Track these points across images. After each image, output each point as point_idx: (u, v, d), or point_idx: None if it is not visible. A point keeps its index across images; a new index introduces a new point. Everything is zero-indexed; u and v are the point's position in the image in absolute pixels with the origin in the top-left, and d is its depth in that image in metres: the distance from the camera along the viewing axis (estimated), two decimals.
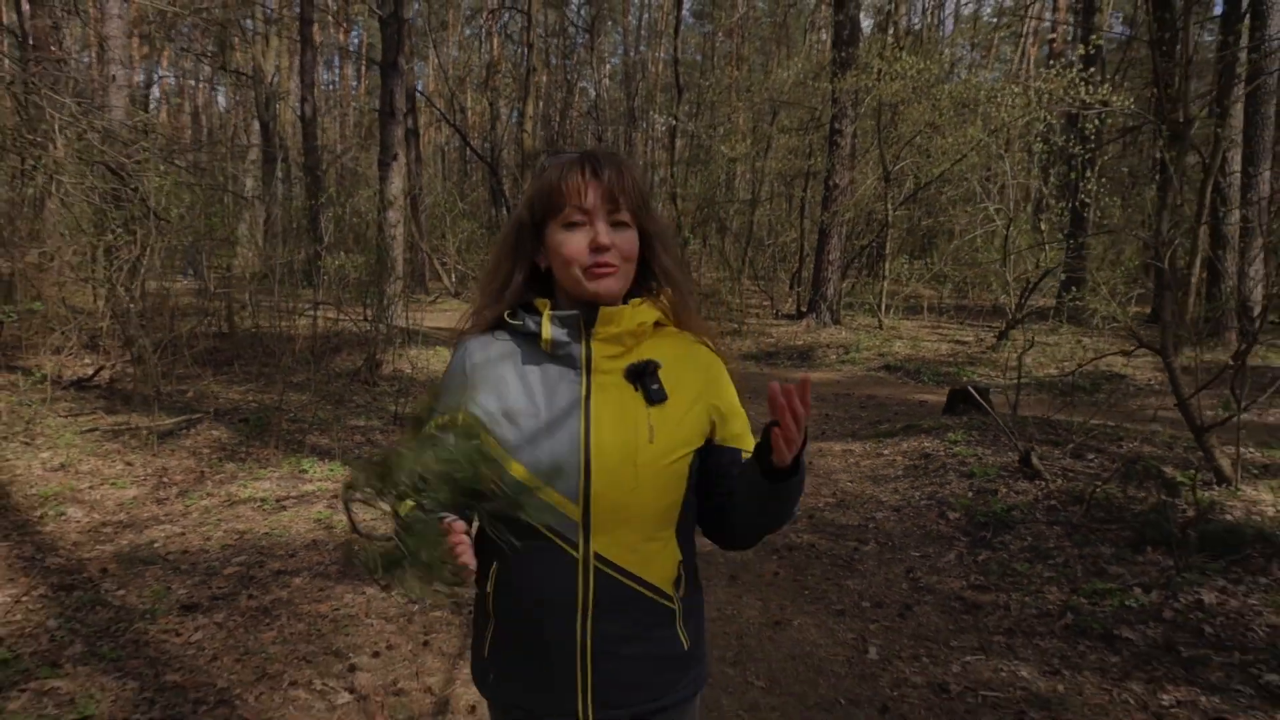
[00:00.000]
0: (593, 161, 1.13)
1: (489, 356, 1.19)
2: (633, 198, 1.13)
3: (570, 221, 1.12)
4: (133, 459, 5.13)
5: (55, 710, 2.47)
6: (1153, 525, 3.59)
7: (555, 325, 1.14)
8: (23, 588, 3.39)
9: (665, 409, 1.14)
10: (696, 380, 1.19)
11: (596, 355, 1.15)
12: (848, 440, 5.90)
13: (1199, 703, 2.47)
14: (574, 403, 1.13)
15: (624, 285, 1.16)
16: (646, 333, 1.18)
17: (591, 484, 1.10)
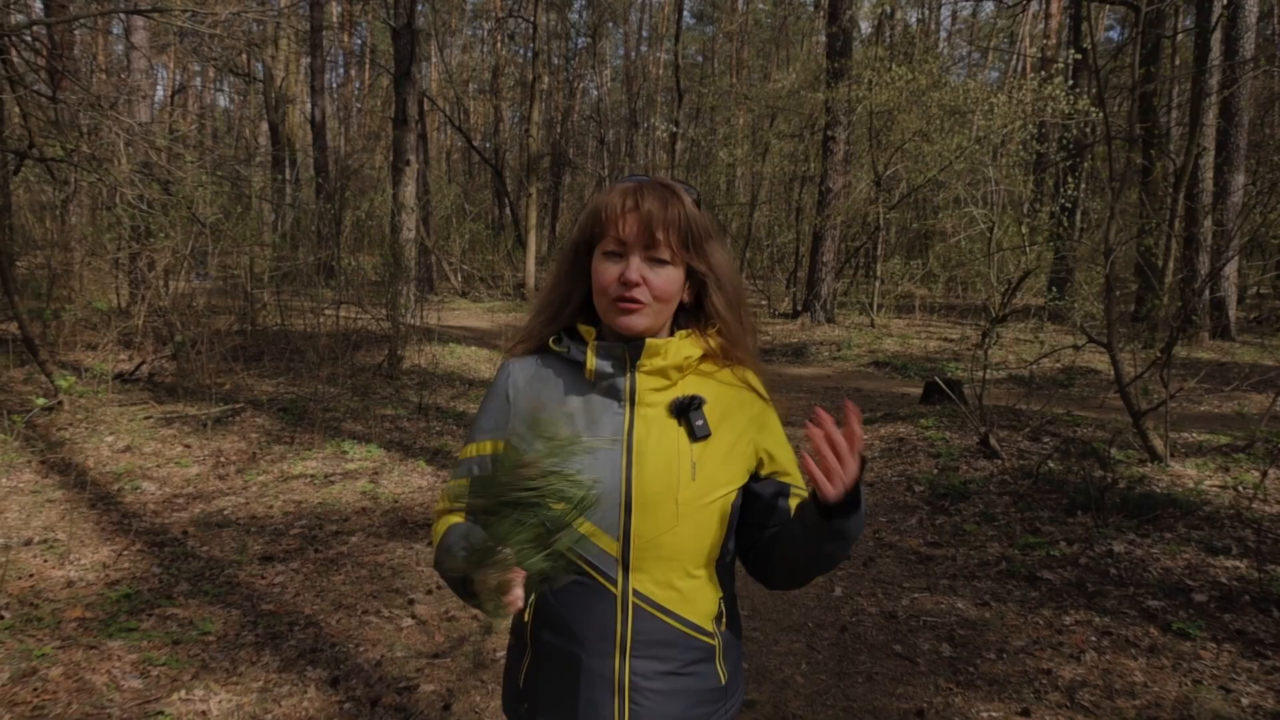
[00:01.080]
0: (638, 193, 1.12)
1: (533, 382, 1.18)
2: (678, 234, 1.11)
3: (609, 250, 1.12)
4: (190, 442, 5.79)
5: (179, 629, 3.12)
6: (1082, 493, 4.25)
7: (600, 357, 1.14)
8: (121, 545, 4.04)
9: (709, 445, 1.14)
10: (741, 417, 1.18)
11: (641, 388, 1.14)
12: None
13: (1094, 622, 3.12)
14: (616, 436, 1.13)
15: (652, 324, 1.14)
16: (692, 367, 1.17)
17: (632, 520, 1.10)
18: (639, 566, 1.10)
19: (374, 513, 4.55)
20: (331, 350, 9.13)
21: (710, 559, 1.15)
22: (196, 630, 3.11)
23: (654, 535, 1.10)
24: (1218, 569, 3.44)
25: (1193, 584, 3.33)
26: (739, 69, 27.24)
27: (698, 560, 1.13)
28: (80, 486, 4.89)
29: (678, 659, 1.13)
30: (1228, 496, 4.21)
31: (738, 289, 1.21)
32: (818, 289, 12.79)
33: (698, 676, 1.14)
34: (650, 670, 1.11)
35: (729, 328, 1.19)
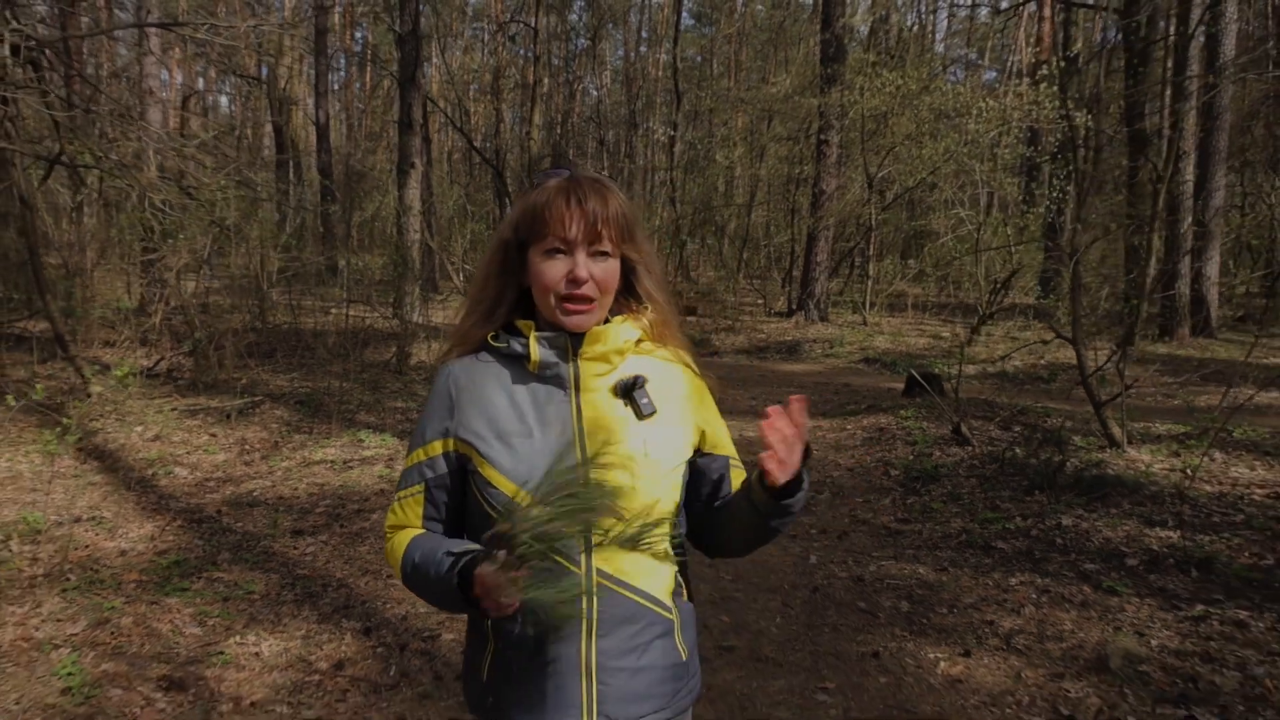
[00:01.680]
0: (578, 190, 1.14)
1: (474, 379, 1.20)
2: (616, 228, 1.15)
3: (551, 249, 1.14)
4: (215, 431, 6.21)
5: (226, 589, 3.55)
6: (1039, 474, 4.67)
7: (543, 347, 1.17)
8: (163, 522, 4.46)
9: (656, 421, 1.18)
10: (681, 394, 1.23)
11: (584, 374, 1.18)
12: (818, 418, 6.98)
13: (1035, 583, 3.55)
14: (566, 421, 1.16)
15: (599, 319, 1.19)
16: (630, 348, 1.21)
17: None
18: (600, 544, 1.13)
19: (390, 494, 4.97)
20: (341, 347, 9.56)
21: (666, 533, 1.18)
22: (242, 590, 3.53)
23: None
24: (1152, 539, 3.86)
25: (1127, 551, 3.75)
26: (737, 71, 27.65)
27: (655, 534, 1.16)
28: (117, 471, 5.32)
29: (641, 635, 1.16)
30: (1175, 478, 4.64)
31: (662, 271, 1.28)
32: (811, 288, 13.21)
33: (660, 652, 1.18)
34: (615, 649, 1.14)
35: (660, 307, 1.24)
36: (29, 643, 2.91)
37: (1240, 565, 3.48)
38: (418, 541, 1.18)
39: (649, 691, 1.17)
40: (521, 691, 1.16)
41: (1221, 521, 4.02)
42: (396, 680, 2.86)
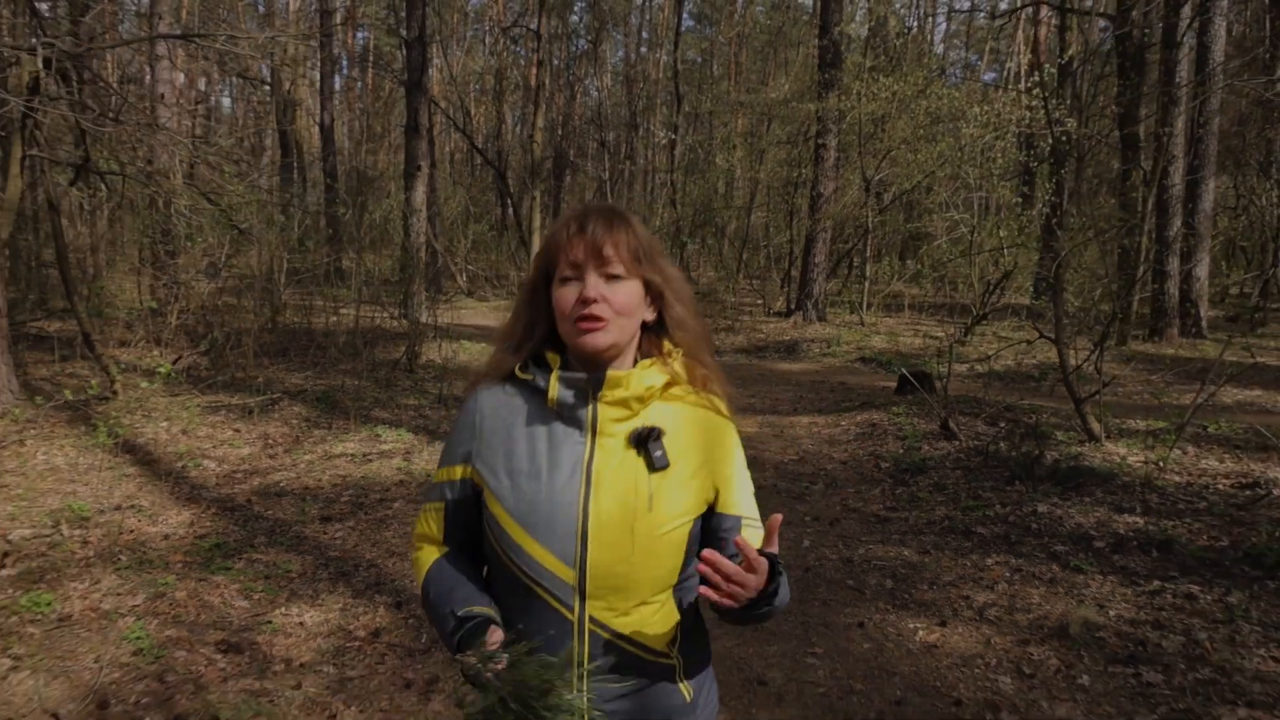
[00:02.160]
0: (584, 219, 1.17)
1: (498, 410, 1.23)
2: (628, 250, 1.17)
3: (564, 276, 1.17)
4: (238, 426, 6.54)
5: (265, 569, 3.88)
6: (1019, 466, 5.00)
7: (563, 386, 1.18)
8: (197, 509, 4.79)
9: (667, 476, 1.17)
10: (702, 447, 1.22)
11: (602, 418, 1.18)
12: (814, 414, 7.31)
13: (1009, 562, 3.88)
14: (575, 466, 1.16)
15: (617, 340, 1.18)
16: (654, 396, 1.20)
17: (588, 550, 1.14)
18: (595, 594, 1.14)
19: (410, 484, 5.31)
20: (351, 346, 9.89)
21: (667, 585, 1.19)
22: (280, 569, 3.86)
23: (610, 564, 1.13)
24: (1119, 523, 4.20)
25: (1095, 534, 4.08)
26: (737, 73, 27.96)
27: (654, 588, 1.17)
28: (149, 464, 5.64)
29: (636, 681, 1.17)
30: (1146, 469, 4.97)
31: (692, 299, 1.28)
32: (810, 289, 13.54)
33: (658, 695, 1.19)
34: (608, 693, 1.15)
35: (691, 336, 1.25)
36: (96, 612, 3.24)
37: (1197, 546, 3.82)
38: (438, 574, 1.23)
39: None
40: None
41: (1186, 508, 4.35)
42: (428, 646, 3.19)
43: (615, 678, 1.16)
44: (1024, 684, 2.87)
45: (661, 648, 1.19)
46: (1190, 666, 2.85)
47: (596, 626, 1.15)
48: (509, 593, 1.18)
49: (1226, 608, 3.22)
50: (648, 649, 1.17)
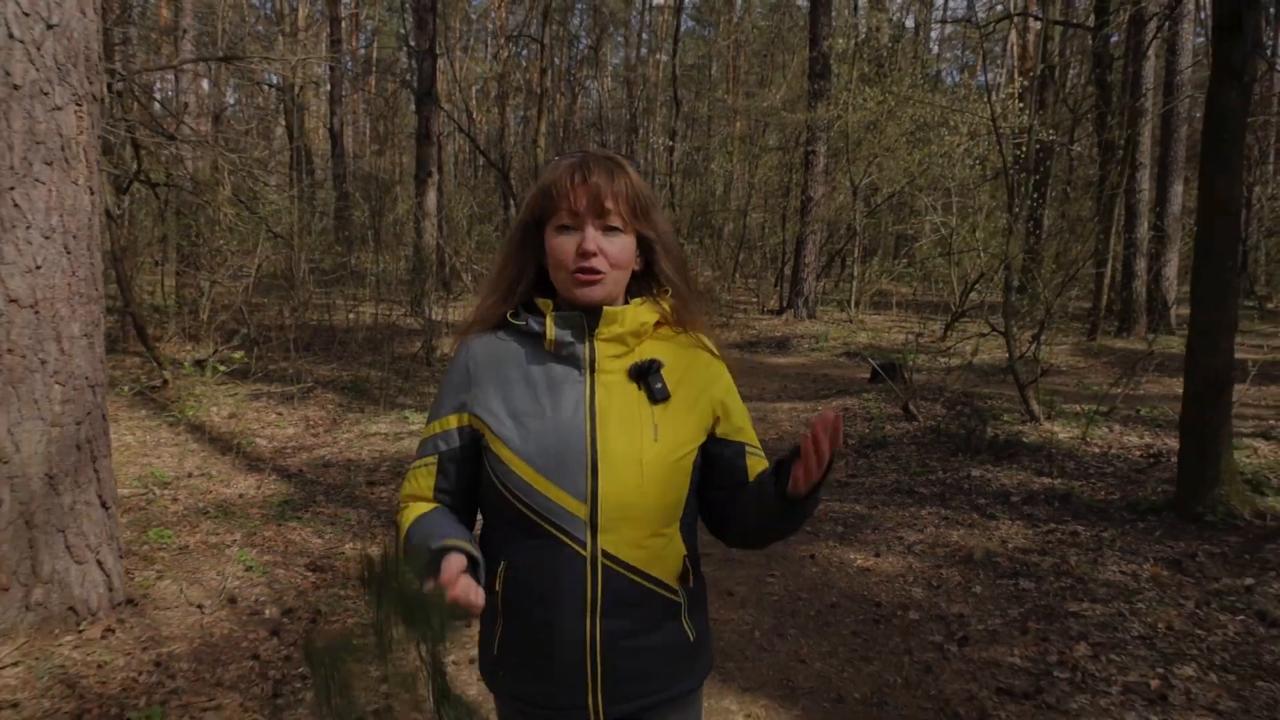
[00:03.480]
0: (585, 167, 1.18)
1: (492, 356, 1.24)
2: (626, 203, 1.19)
3: (562, 224, 1.19)
4: (280, 411, 7.45)
5: (328, 519, 4.78)
6: (962, 441, 5.92)
7: (559, 326, 1.20)
8: (260, 477, 5.70)
9: (668, 407, 1.21)
10: (698, 378, 1.26)
11: (600, 355, 1.21)
12: (796, 401, 8.23)
13: (939, 513, 4.79)
14: (579, 403, 1.19)
15: (611, 292, 1.21)
16: (648, 332, 1.24)
17: (599, 483, 1.17)
18: (607, 528, 1.16)
19: None
20: (371, 341, 10.80)
21: (675, 516, 1.21)
22: (341, 519, 4.77)
23: (621, 496, 1.16)
24: (1036, 484, 5.11)
25: (1013, 492, 5.00)
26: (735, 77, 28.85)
27: (664, 519, 1.20)
28: (209, 442, 6.55)
29: (646, 617, 1.20)
30: (1072, 443, 5.88)
31: (681, 253, 1.30)
32: (801, 288, 14.46)
33: (665, 633, 1.22)
34: (620, 629, 1.18)
35: (679, 290, 1.26)
36: (207, 545, 4.15)
37: (1092, 499, 4.73)
38: (421, 521, 1.22)
39: (653, 671, 1.22)
40: (529, 667, 1.22)
41: (1095, 472, 5.27)
42: None
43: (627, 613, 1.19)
44: (931, 592, 3.78)
45: (672, 582, 1.22)
46: (1057, 578, 3.76)
47: (609, 560, 1.17)
48: (518, 534, 1.19)
49: (1098, 540, 4.13)
50: (658, 581, 1.20)
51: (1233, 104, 4.01)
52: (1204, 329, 4.20)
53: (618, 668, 1.20)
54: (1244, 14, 3.93)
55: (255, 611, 3.47)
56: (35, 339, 2.94)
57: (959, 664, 3.13)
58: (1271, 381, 8.68)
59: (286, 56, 8.30)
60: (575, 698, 1.20)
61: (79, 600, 3.10)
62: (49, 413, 2.99)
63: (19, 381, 2.92)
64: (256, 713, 2.74)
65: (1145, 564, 3.80)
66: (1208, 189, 4.13)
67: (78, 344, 3.06)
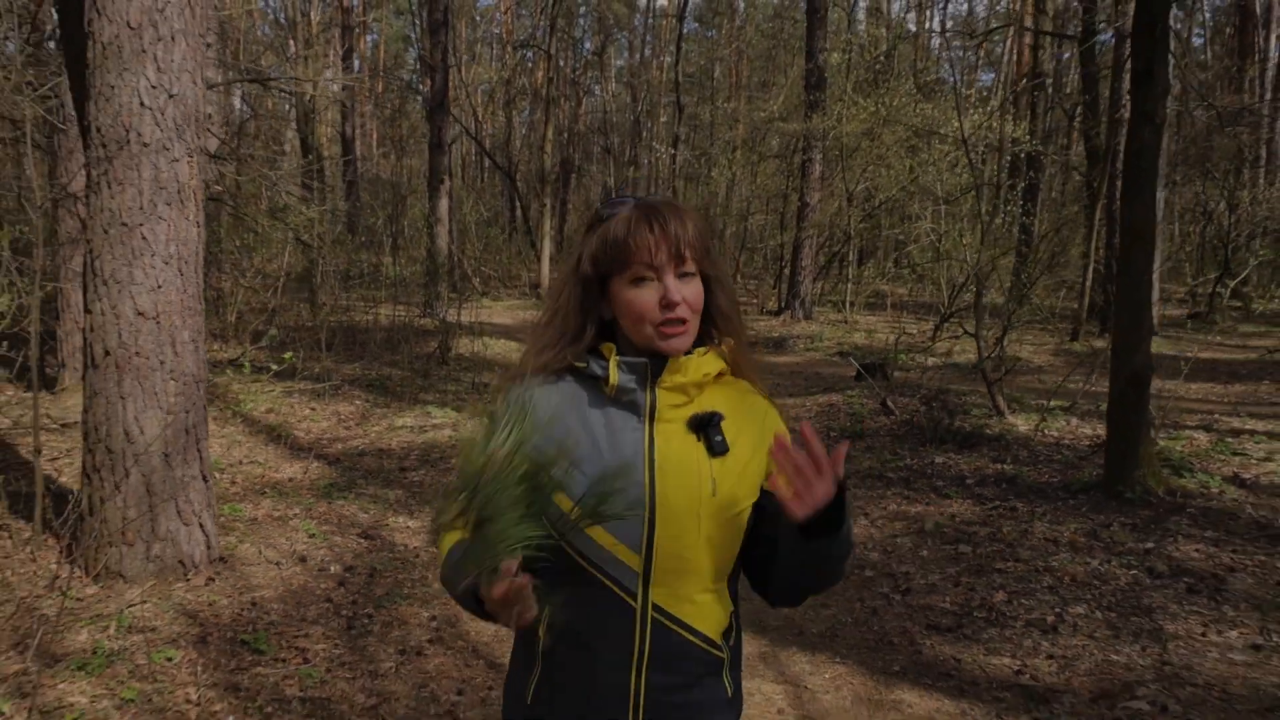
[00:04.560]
0: (658, 217, 1.18)
1: (551, 397, 1.23)
2: (699, 247, 1.20)
3: (638, 277, 1.18)
4: (313, 406, 8.23)
5: (370, 497, 5.55)
6: (930, 432, 6.68)
7: (624, 372, 1.20)
8: (304, 464, 6.47)
9: (727, 461, 1.20)
10: (754, 431, 1.26)
11: (661, 404, 1.21)
12: (786, 397, 8.99)
13: (903, 493, 5.55)
14: (638, 451, 1.19)
15: (693, 339, 1.22)
16: (709, 382, 1.24)
17: (655, 535, 1.16)
18: (659, 580, 1.17)
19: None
20: (389, 341, 11.59)
21: (724, 573, 1.23)
22: (382, 498, 5.55)
23: (676, 550, 1.17)
24: (990, 469, 5.87)
25: (969, 476, 5.76)
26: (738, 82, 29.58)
27: (715, 575, 1.21)
28: (252, 434, 7.34)
29: (689, 672, 1.20)
30: (1030, 434, 6.63)
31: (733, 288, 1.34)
32: (798, 289, 15.21)
33: (706, 688, 1.23)
34: (664, 684, 1.19)
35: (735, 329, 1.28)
36: (271, 518, 4.93)
37: (1035, 481, 5.49)
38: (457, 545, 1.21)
39: None
40: (567, 716, 1.22)
41: (1044, 459, 6.02)
42: None
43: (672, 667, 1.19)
44: (885, 556, 4.54)
45: (716, 638, 1.22)
46: (991, 544, 4.52)
47: (659, 614, 1.18)
48: (568, 583, 1.17)
49: (1032, 514, 4.89)
50: (704, 637, 1.20)
51: (1147, 142, 4.76)
52: (1125, 336, 4.96)
53: None
54: (1155, 66, 4.68)
55: (322, 568, 4.25)
56: (156, 344, 3.72)
57: (900, 608, 3.90)
58: (1240, 380, 9.44)
59: (314, 78, 9.06)
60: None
61: (186, 555, 3.88)
62: (165, 403, 3.77)
63: (144, 378, 3.70)
64: (336, 639, 3.51)
65: (1066, 532, 4.56)
66: (1127, 217, 4.89)
67: (187, 348, 3.84)
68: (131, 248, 3.62)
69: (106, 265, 3.62)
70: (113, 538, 3.71)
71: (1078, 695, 3.06)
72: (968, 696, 3.11)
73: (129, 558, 3.73)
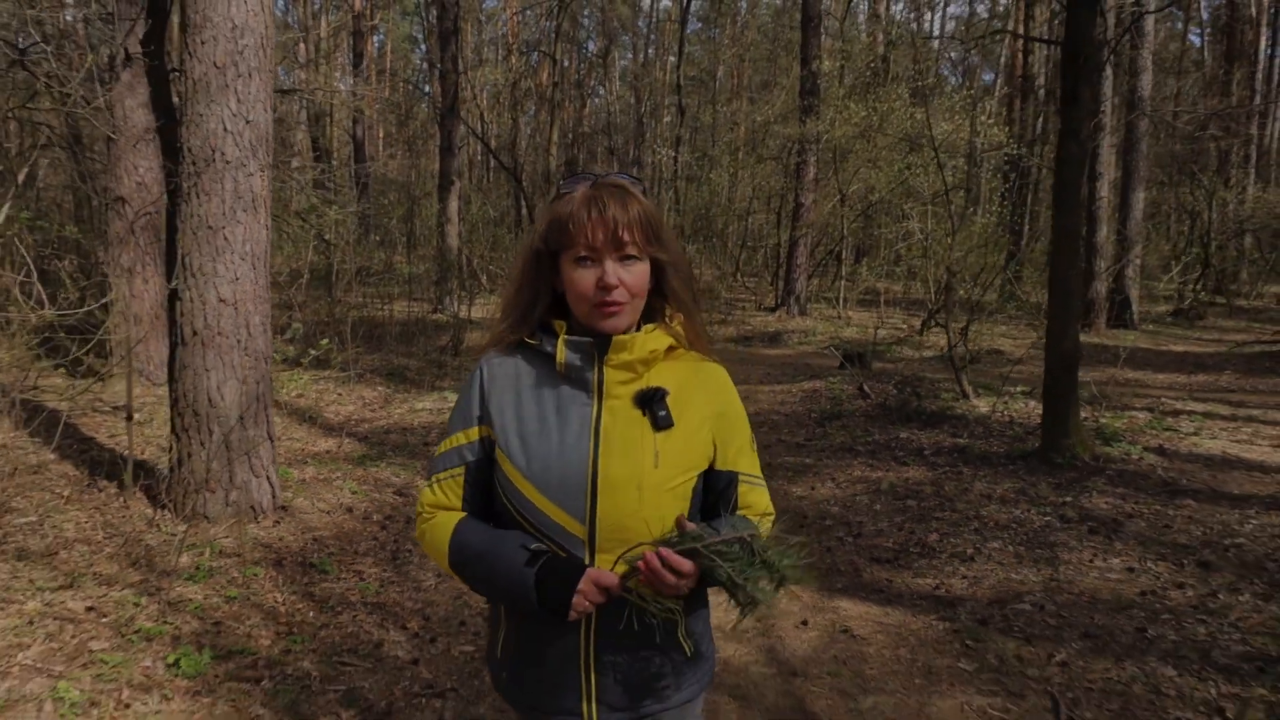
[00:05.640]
0: (599, 201, 1.25)
1: (507, 375, 1.35)
2: (641, 231, 1.26)
3: (580, 256, 1.26)
4: (340, 392, 9.09)
5: (400, 465, 6.38)
6: (898, 412, 7.51)
7: (570, 350, 1.29)
8: (337, 440, 7.32)
9: (671, 435, 1.30)
10: (703, 405, 1.35)
11: (608, 380, 1.30)
12: (775, 384, 9.83)
13: (869, 463, 6.38)
14: (584, 426, 1.29)
15: (632, 320, 1.30)
16: (658, 358, 1.32)
17: (598, 505, 1.26)
18: (604, 548, 1.27)
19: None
20: (404, 335, 12.45)
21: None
22: (410, 466, 6.39)
23: (618, 519, 1.26)
24: (946, 442, 6.70)
25: (927, 447, 6.59)
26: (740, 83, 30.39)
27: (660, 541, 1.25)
28: (288, 415, 8.19)
29: (641, 634, 1.30)
30: (988, 414, 7.45)
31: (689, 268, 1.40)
32: (793, 287, 16.04)
33: (660, 649, 1.33)
34: (614, 643, 1.30)
35: (687, 307, 1.36)
36: (318, 479, 5.78)
37: (983, 450, 6.32)
38: (472, 527, 1.33)
39: (647, 684, 1.33)
40: (529, 673, 1.35)
41: (996, 434, 6.85)
42: None
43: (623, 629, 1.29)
44: (844, 510, 5.38)
45: (666, 601, 1.28)
46: (934, 499, 5.35)
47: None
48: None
49: (974, 476, 5.72)
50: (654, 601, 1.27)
51: (1073, 155, 5.59)
52: (1055, 323, 5.78)
53: (610, 679, 1.31)
54: (1079, 89, 5.51)
55: (367, 516, 5.10)
56: (234, 326, 4.57)
57: (850, 547, 4.74)
58: (1204, 371, 10.25)
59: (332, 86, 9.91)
60: (570, 705, 1.31)
61: (256, 502, 4.74)
62: (241, 374, 4.62)
63: (224, 354, 4.56)
64: (384, 566, 4.36)
65: (999, 490, 5.40)
66: (1057, 220, 5.72)
67: (258, 329, 4.69)
68: (215, 247, 4.47)
69: (195, 261, 4.48)
70: (198, 485, 4.56)
71: (978, 602, 3.89)
72: (891, 604, 3.95)
73: (211, 502, 4.58)
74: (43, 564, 3.88)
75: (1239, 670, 3.12)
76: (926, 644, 3.52)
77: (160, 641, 3.24)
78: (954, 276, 8.74)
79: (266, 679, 3.09)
